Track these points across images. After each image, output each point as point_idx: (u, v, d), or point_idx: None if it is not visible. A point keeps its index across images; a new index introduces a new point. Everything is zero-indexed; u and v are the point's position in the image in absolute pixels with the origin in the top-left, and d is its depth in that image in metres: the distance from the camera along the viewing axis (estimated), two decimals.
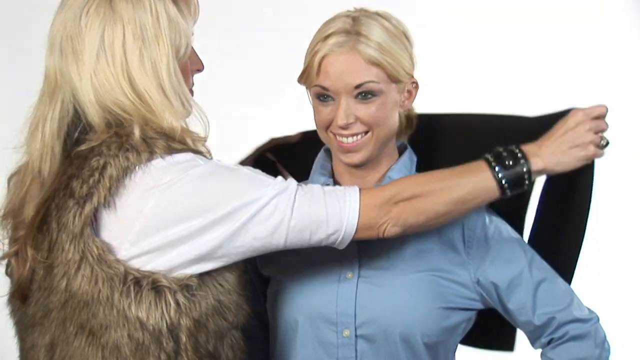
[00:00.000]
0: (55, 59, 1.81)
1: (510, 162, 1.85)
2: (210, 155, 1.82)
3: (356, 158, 1.98)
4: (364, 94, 1.95)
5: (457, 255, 1.99)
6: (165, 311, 1.75)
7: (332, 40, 1.94)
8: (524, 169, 1.85)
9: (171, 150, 1.76)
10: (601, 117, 1.88)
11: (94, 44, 1.79)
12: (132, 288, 1.73)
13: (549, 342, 1.99)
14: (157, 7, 1.81)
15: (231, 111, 3.64)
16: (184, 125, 1.82)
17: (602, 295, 3.01)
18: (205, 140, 1.83)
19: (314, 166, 2.11)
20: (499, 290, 1.98)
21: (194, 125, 1.84)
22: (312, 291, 1.98)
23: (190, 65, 1.88)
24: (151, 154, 1.75)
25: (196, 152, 1.79)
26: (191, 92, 1.89)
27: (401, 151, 2.08)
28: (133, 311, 1.73)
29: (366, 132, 1.97)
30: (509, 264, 1.98)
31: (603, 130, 1.88)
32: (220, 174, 1.78)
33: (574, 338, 1.97)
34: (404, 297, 1.96)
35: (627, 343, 3.14)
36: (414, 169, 2.05)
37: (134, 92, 1.79)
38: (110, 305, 1.73)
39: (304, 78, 1.99)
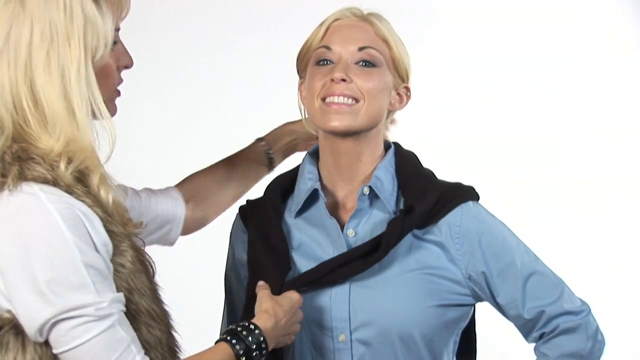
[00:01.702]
0: None
1: (245, 334, 1.85)
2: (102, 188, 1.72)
3: (342, 122, 1.96)
4: (365, 62, 1.98)
5: (446, 252, 2.00)
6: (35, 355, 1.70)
7: (345, 12, 2.01)
8: (261, 338, 1.85)
9: (22, 178, 1.65)
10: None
11: None
12: None
13: (541, 337, 2.00)
14: (72, 4, 1.69)
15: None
16: (76, 146, 1.70)
17: (597, 286, 3.05)
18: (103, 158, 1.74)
19: (299, 173, 2.10)
20: (489, 281, 1.99)
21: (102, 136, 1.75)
22: (306, 297, 1.99)
23: (115, 62, 1.81)
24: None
25: (60, 184, 1.68)
26: (117, 92, 1.83)
27: (387, 150, 2.08)
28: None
29: (357, 101, 1.97)
30: (498, 257, 1.99)
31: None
32: (45, 246, 1.65)
33: (564, 331, 1.98)
34: (397, 297, 1.97)
35: (623, 333, 3.17)
36: (393, 168, 2.04)
37: (32, 99, 1.67)
38: None
39: (306, 47, 2.01)
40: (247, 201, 2.16)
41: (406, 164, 2.05)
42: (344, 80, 1.96)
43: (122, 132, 3.76)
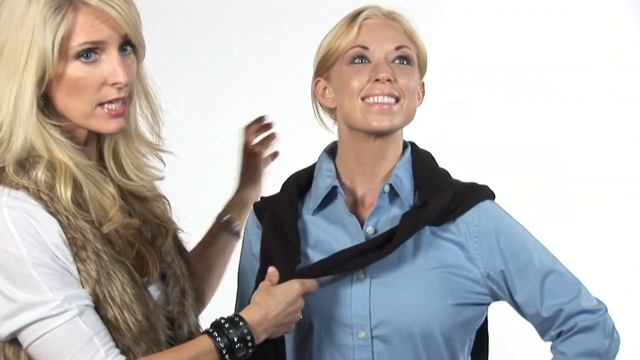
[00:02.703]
0: None
1: (228, 327, 1.86)
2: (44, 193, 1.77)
3: (389, 122, 1.98)
4: (402, 59, 2.00)
5: (465, 252, 2.01)
6: None
7: (374, 11, 2.02)
8: (245, 331, 1.86)
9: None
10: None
11: None
12: None
13: (559, 335, 2.01)
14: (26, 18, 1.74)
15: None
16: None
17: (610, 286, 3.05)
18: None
19: (316, 170, 2.11)
20: (507, 280, 2.00)
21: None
22: (325, 294, 2.00)
23: (92, 75, 1.80)
24: None
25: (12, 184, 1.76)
26: (102, 105, 1.81)
27: (403, 149, 2.09)
28: None
29: (397, 100, 1.99)
30: (516, 256, 2.00)
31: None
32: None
33: (582, 330, 1.99)
34: (417, 296, 1.98)
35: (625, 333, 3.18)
36: (410, 167, 2.06)
37: None
38: None
39: (335, 46, 2.01)
40: (262, 198, 2.18)
41: (423, 163, 2.06)
42: (389, 80, 1.97)
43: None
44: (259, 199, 2.21)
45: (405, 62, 2.01)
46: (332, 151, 2.11)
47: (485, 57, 3.74)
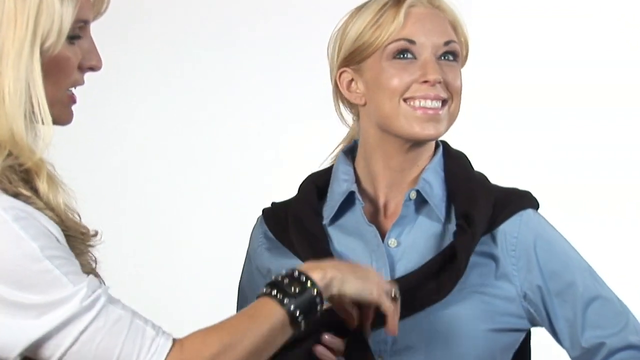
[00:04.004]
0: None
1: (297, 289, 1.54)
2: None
3: (434, 130, 1.75)
4: (449, 54, 1.77)
5: (500, 266, 1.77)
6: None
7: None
8: (314, 292, 1.54)
9: None
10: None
11: None
12: None
13: None
14: None
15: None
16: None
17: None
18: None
19: (332, 174, 1.87)
20: (545, 300, 1.76)
21: None
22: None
23: (75, 58, 1.53)
24: None
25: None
26: (71, 96, 1.55)
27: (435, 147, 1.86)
28: None
29: (443, 104, 1.76)
30: (557, 276, 1.76)
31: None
32: (7, 246, 1.42)
33: None
34: (449, 319, 1.74)
35: None
36: (442, 170, 1.82)
37: None
38: None
39: (375, 36, 1.75)
40: (273, 204, 1.92)
41: (456, 167, 1.83)
42: (439, 82, 1.74)
43: (121, 130, 3.71)
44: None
45: (451, 59, 1.77)
46: (350, 152, 1.87)
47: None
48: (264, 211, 1.91)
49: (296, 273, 1.54)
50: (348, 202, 1.81)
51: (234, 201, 3.44)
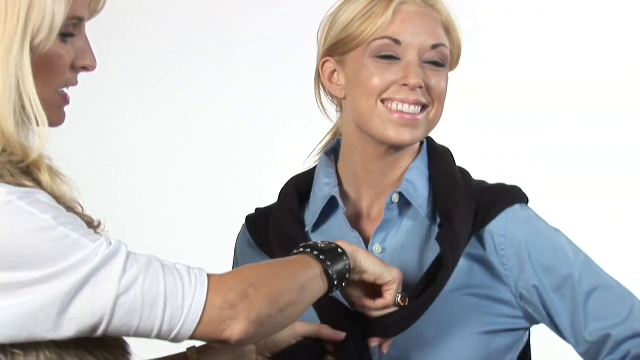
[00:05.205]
0: None
1: (335, 258, 1.57)
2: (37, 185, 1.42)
3: (410, 135, 1.67)
4: (435, 61, 1.69)
5: (490, 268, 1.70)
6: None
7: None
8: (347, 266, 1.58)
9: None
10: None
11: None
12: None
13: None
14: None
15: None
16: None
17: None
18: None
19: (315, 177, 1.80)
20: (543, 298, 1.68)
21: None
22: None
23: (69, 57, 1.48)
24: None
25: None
26: (63, 95, 1.50)
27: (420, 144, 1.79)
28: None
29: (423, 109, 1.69)
30: (552, 271, 1.68)
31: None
32: (18, 225, 1.36)
33: (637, 358, 1.66)
34: (437, 325, 1.68)
35: None
36: (426, 169, 1.75)
37: None
38: None
39: (360, 31, 1.68)
40: (257, 210, 1.86)
41: (440, 164, 1.75)
42: (420, 87, 1.67)
43: (118, 128, 3.70)
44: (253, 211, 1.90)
45: (438, 64, 1.69)
46: (333, 152, 1.81)
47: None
48: (247, 218, 1.86)
49: (335, 245, 1.59)
50: (331, 206, 1.76)
51: (228, 201, 3.42)
